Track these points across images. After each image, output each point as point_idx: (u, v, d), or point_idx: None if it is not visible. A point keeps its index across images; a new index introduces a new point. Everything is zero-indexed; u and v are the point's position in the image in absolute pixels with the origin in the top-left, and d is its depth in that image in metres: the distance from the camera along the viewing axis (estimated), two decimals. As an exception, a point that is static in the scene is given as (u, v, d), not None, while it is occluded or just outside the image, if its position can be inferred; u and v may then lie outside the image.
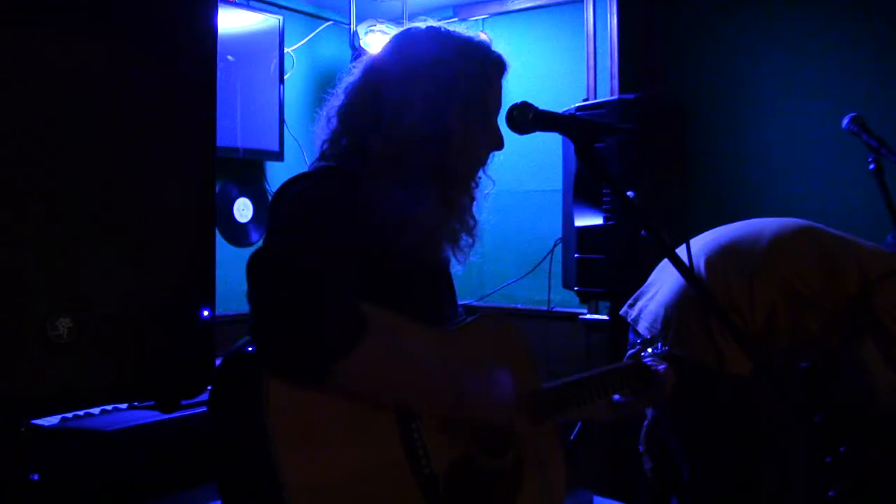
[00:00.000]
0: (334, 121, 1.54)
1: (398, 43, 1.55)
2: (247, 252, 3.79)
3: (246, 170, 3.97)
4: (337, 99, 1.55)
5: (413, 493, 1.32)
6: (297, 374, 1.22)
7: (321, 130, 1.56)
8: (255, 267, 1.25)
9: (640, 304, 2.48)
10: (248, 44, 3.77)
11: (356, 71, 1.56)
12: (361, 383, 1.27)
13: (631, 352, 1.90)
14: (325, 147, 1.54)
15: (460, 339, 1.54)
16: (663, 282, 2.43)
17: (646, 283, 2.53)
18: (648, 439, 2.44)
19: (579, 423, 3.07)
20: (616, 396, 1.80)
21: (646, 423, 2.45)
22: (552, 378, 1.72)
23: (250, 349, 1.28)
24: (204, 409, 2.08)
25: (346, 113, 1.52)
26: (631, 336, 2.51)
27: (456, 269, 1.66)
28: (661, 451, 2.42)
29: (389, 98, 1.47)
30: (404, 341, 1.37)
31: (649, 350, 1.87)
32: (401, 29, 1.60)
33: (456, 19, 4.44)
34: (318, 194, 1.38)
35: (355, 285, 1.27)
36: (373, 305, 1.28)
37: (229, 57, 3.63)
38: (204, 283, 1.87)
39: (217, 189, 3.59)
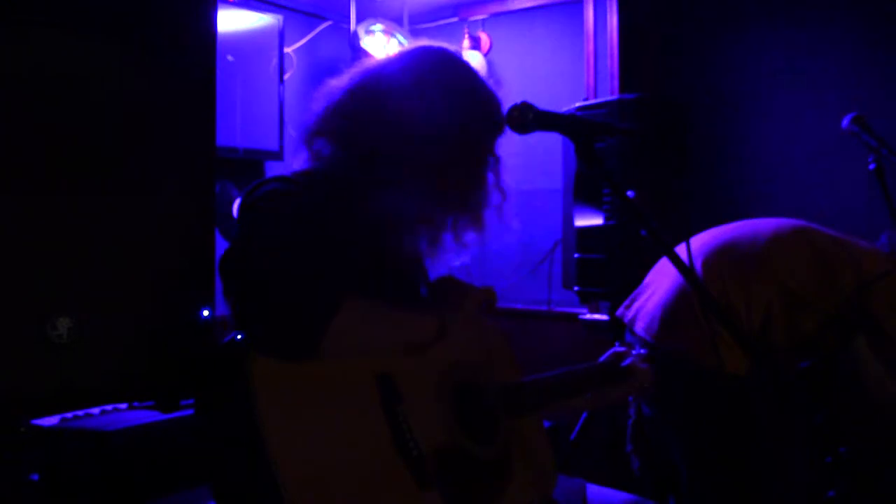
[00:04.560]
0: (327, 119, 1.54)
1: (410, 57, 1.55)
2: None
3: (246, 170, 3.97)
4: (333, 97, 1.56)
5: (402, 475, 1.32)
6: (288, 354, 1.25)
7: (312, 125, 1.57)
8: (227, 265, 1.29)
9: (636, 305, 2.48)
10: (248, 44, 3.77)
11: (356, 73, 1.56)
12: (350, 344, 1.30)
13: (612, 350, 1.94)
14: (309, 142, 1.55)
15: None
16: (659, 282, 2.44)
17: (641, 285, 2.53)
18: (635, 438, 2.45)
19: (581, 420, 3.08)
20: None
21: (630, 422, 2.46)
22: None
23: (234, 340, 1.30)
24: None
25: (342, 113, 1.53)
26: (628, 337, 2.51)
27: (453, 268, 1.67)
28: (654, 450, 2.42)
29: (389, 109, 1.48)
30: (382, 308, 1.40)
31: (631, 349, 1.91)
32: (413, 42, 1.62)
33: (456, 19, 4.44)
34: (289, 192, 1.40)
35: (331, 274, 1.29)
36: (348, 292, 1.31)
37: (229, 57, 3.63)
38: (204, 283, 1.87)
39: (217, 189, 3.58)
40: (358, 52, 3.98)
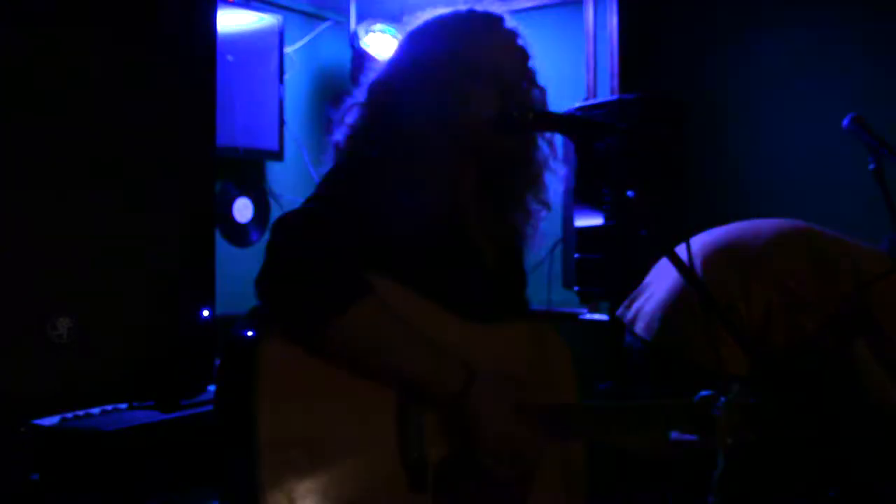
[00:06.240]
0: (358, 118, 1.55)
1: (411, 39, 1.60)
2: (247, 252, 3.81)
3: (246, 170, 3.96)
4: (359, 97, 1.56)
5: (395, 474, 1.29)
6: (295, 326, 1.24)
7: (342, 127, 1.57)
8: (278, 224, 1.28)
9: (636, 304, 2.48)
10: (248, 44, 3.76)
11: (376, 71, 1.58)
12: (355, 344, 1.27)
13: (704, 392, 1.53)
14: (343, 143, 1.55)
15: (489, 336, 1.48)
16: (659, 282, 2.44)
17: (641, 284, 2.53)
18: (720, 490, 2.25)
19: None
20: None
21: (717, 472, 2.27)
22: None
23: (249, 334, 1.29)
24: (204, 409, 2.08)
25: (369, 113, 1.54)
26: (628, 337, 2.51)
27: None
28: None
29: (405, 95, 1.49)
30: (405, 311, 1.34)
31: (728, 394, 1.51)
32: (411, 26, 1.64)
33: (456, 19, 4.43)
34: (349, 180, 1.41)
35: (367, 258, 1.29)
36: (380, 276, 1.30)
37: (229, 57, 3.63)
38: (204, 283, 1.87)
39: (217, 189, 3.59)
40: (358, 52, 3.98)
